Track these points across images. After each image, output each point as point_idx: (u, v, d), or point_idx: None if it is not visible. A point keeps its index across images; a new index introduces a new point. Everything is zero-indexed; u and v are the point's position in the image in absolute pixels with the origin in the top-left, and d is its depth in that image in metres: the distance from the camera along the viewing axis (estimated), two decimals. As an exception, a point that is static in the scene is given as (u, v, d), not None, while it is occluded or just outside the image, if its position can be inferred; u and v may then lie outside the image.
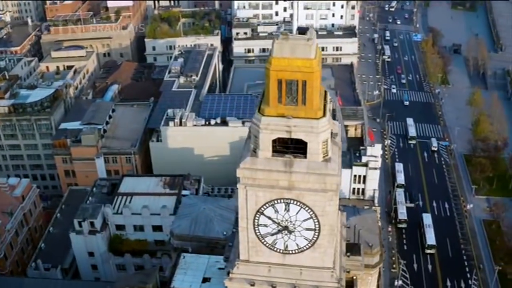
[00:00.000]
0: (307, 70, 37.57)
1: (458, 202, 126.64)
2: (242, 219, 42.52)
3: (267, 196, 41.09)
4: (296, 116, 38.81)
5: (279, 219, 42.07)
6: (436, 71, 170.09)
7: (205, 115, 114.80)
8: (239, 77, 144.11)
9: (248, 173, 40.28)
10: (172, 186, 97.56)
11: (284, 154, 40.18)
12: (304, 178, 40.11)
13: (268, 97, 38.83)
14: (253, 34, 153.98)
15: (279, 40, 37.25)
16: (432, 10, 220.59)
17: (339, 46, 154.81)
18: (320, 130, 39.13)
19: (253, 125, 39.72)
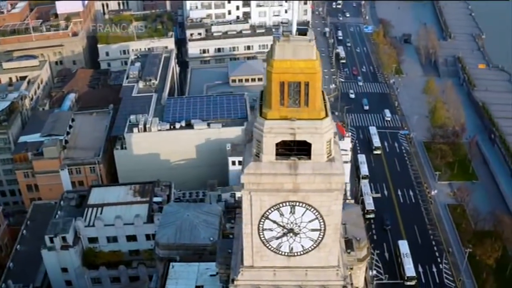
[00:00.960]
0: (310, 71, 37.27)
1: (422, 189, 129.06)
2: (246, 225, 41.85)
3: (272, 200, 40.58)
4: (300, 117, 38.41)
5: (284, 222, 41.64)
6: (389, 62, 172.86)
7: (169, 119, 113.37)
8: (196, 79, 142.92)
9: (252, 178, 39.58)
10: (143, 194, 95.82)
11: (288, 157, 39.70)
12: (310, 180, 39.79)
13: (270, 100, 38.23)
14: (207, 34, 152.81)
15: (281, 42, 36.78)
16: (380, 2, 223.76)
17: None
18: (324, 131, 38.89)
19: (255, 129, 38.99)
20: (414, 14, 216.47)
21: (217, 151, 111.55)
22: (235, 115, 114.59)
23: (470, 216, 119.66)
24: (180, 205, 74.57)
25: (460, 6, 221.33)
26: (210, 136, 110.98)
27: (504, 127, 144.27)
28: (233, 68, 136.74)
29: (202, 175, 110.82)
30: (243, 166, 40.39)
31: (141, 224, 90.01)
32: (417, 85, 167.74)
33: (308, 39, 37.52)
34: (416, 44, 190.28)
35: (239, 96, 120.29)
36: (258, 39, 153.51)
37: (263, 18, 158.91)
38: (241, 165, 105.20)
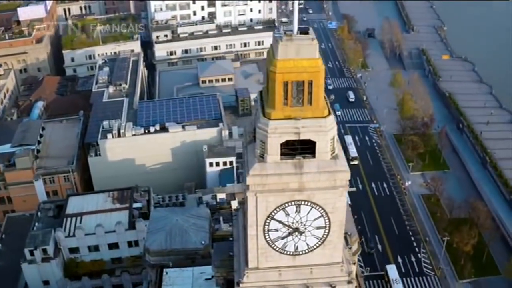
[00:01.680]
0: (313, 70, 37.27)
1: (395, 181, 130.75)
2: (251, 227, 41.53)
3: (278, 200, 40.39)
4: (304, 116, 38.30)
5: (289, 221, 41.52)
6: (355, 57, 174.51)
7: (143, 123, 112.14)
8: (165, 81, 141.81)
9: (258, 180, 39.29)
10: (122, 200, 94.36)
11: (292, 156, 39.56)
12: (315, 178, 39.76)
13: (274, 100, 38.02)
14: (174, 36, 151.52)
15: (284, 41, 36.58)
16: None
17: (261, 40, 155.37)
18: (328, 128, 38.93)
19: (259, 130, 38.70)
20: (376, 8, 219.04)
21: (193, 154, 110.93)
22: (209, 116, 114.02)
23: (445, 205, 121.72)
24: (167, 210, 73.79)
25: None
26: (185, 138, 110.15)
27: (471, 116, 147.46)
28: (203, 69, 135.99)
29: (179, 178, 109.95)
30: (247, 168, 40.02)
31: (122, 231, 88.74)
32: (384, 78, 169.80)
33: (310, 37, 37.45)
34: (380, 38, 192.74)
35: (211, 97, 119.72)
36: (225, 39, 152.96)
37: (229, 18, 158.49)
38: (218, 166, 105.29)
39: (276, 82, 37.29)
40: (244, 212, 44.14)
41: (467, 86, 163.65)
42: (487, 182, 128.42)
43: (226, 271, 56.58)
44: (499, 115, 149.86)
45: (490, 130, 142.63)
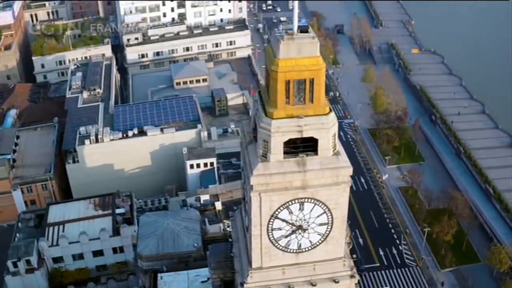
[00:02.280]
0: (315, 68, 37.43)
1: (372, 175, 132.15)
2: (255, 227, 41.43)
3: (282, 199, 40.38)
4: (306, 114, 38.41)
5: (293, 220, 41.55)
6: (325, 53, 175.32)
7: (120, 127, 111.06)
8: (139, 84, 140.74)
9: (262, 179, 39.22)
10: (104, 207, 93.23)
11: (295, 155, 39.63)
12: (318, 175, 39.91)
13: (275, 99, 38.04)
14: (145, 38, 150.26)
15: (285, 41, 36.63)
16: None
17: (233, 40, 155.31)
18: (330, 125, 39.13)
19: (262, 130, 38.65)
20: (344, 5, 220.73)
21: (172, 156, 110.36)
22: (187, 118, 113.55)
23: (422, 197, 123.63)
24: (156, 214, 73.17)
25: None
26: (164, 141, 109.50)
27: (443, 108, 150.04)
28: (177, 70, 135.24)
29: (159, 181, 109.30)
30: (249, 168, 39.90)
31: (107, 238, 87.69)
32: (355, 74, 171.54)
33: (311, 36, 37.58)
34: (349, 34, 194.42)
35: (188, 98, 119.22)
36: (196, 40, 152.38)
37: (199, 19, 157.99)
38: (199, 168, 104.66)
39: (278, 81, 37.30)
40: (246, 212, 44.02)
41: (437, 79, 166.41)
42: (462, 172, 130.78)
43: (223, 272, 56.50)
44: (471, 106, 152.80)
45: (462, 121, 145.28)
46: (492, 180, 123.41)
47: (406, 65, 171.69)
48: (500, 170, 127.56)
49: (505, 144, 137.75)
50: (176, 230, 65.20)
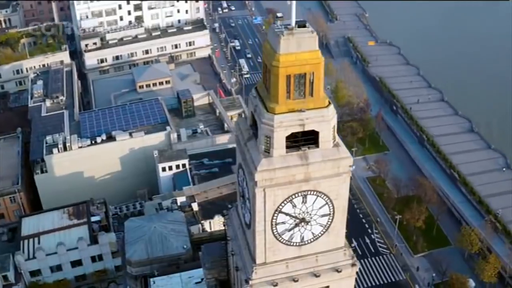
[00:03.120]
0: (314, 62, 37.98)
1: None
2: (259, 223, 41.58)
3: (285, 193, 40.67)
4: (307, 108, 38.85)
5: (296, 213, 41.90)
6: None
7: (87, 134, 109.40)
8: (100, 90, 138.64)
9: (266, 175, 39.41)
10: (79, 216, 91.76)
11: (297, 148, 40.02)
12: (320, 167, 40.39)
13: (277, 94, 38.30)
14: (103, 43, 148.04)
15: (285, 36, 36.93)
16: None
17: (192, 41, 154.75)
18: (330, 118, 39.69)
19: (264, 126, 38.84)
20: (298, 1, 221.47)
21: (142, 160, 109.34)
22: (155, 121, 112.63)
23: (391, 185, 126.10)
24: (142, 218, 72.44)
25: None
26: (133, 146, 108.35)
27: (403, 97, 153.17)
28: (139, 74, 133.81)
29: (130, 186, 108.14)
30: (252, 165, 39.99)
31: (85, 247, 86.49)
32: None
33: (310, 30, 38.01)
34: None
35: (154, 101, 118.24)
36: (155, 42, 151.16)
37: (156, 21, 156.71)
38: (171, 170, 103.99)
39: (279, 77, 37.57)
40: (247, 208, 44.09)
41: (395, 69, 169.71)
42: (427, 159, 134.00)
43: (218, 272, 56.58)
44: (430, 94, 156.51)
45: (422, 109, 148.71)
46: (456, 165, 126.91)
47: (364, 57, 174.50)
48: (463, 155, 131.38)
49: (466, 129, 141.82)
50: (164, 233, 64.69)
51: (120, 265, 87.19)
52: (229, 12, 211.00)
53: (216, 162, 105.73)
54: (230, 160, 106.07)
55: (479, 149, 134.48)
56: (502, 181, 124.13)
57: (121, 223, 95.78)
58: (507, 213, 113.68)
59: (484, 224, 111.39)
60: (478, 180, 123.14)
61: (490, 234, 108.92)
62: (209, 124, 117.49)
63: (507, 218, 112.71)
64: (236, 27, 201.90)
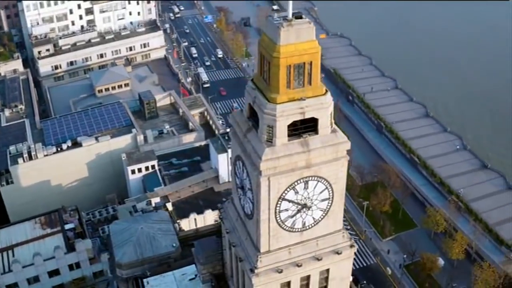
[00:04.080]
0: (313, 51, 39.23)
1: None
2: (263, 211, 42.59)
3: (288, 180, 41.83)
4: (306, 96, 40.14)
5: (298, 199, 43.12)
6: (237, 47, 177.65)
7: (52, 141, 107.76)
8: (57, 96, 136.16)
9: (270, 164, 40.47)
10: (52, 224, 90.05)
11: (298, 136, 41.23)
12: (321, 153, 41.78)
13: (277, 84, 39.41)
14: (56, 49, 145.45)
15: (285, 27, 38.00)
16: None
17: (146, 42, 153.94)
18: (328, 105, 41.20)
19: (266, 116, 39.87)
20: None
21: (109, 164, 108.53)
22: (119, 124, 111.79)
23: (354, 173, 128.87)
24: (127, 220, 71.98)
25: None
26: (99, 150, 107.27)
27: (358, 87, 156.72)
28: (97, 78, 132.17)
29: (99, 191, 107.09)
30: (256, 155, 40.86)
31: (62, 256, 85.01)
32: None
33: (307, 21, 39.24)
34: (256, 26, 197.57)
35: (117, 104, 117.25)
36: (109, 46, 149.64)
37: (108, 24, 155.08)
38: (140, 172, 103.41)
39: (280, 67, 38.69)
40: (248, 199, 44.93)
41: (348, 60, 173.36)
42: (386, 145, 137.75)
43: (213, 266, 57.23)
44: (384, 82, 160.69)
45: (378, 97, 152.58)
46: (415, 150, 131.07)
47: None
48: (421, 140, 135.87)
49: (421, 114, 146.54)
50: (151, 233, 64.67)
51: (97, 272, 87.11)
52: (179, 12, 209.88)
53: (185, 161, 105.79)
54: (199, 159, 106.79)
55: (435, 133, 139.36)
56: (461, 162, 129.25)
57: (96, 229, 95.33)
58: (468, 192, 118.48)
59: (448, 204, 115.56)
60: (437, 162, 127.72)
61: (454, 214, 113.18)
62: (173, 124, 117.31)
63: (469, 197, 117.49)
64: (187, 26, 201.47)
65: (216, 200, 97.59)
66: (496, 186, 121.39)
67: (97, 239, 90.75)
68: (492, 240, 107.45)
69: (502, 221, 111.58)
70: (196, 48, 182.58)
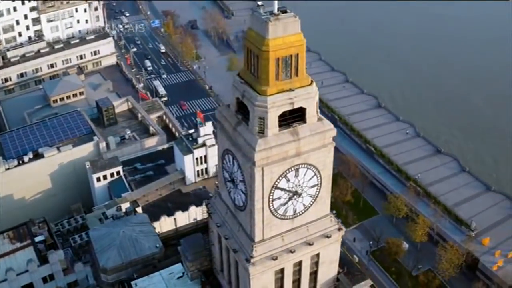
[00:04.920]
0: (299, 44, 41.10)
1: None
2: (258, 201, 44.05)
3: (280, 169, 43.48)
4: (294, 87, 41.93)
5: (289, 187, 44.84)
6: (187, 50, 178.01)
7: (12, 155, 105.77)
8: (10, 109, 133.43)
9: (264, 154, 41.99)
10: (20, 238, 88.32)
11: (287, 126, 42.93)
12: (309, 141, 43.69)
13: (267, 77, 41.00)
14: (5, 61, 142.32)
15: (273, 22, 39.63)
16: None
17: (97, 50, 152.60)
18: (314, 94, 43.10)
19: (257, 108, 41.41)
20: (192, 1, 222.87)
21: (72, 174, 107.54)
22: (80, 133, 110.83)
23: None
24: (106, 225, 71.92)
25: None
26: (62, 160, 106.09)
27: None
28: (51, 88, 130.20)
29: (64, 202, 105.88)
30: (249, 146, 42.22)
31: (36, 269, 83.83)
32: (219, 65, 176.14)
33: (293, 15, 40.99)
34: (204, 28, 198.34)
35: (75, 113, 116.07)
36: (59, 55, 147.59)
37: (56, 33, 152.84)
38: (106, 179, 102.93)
39: (269, 60, 40.33)
40: (240, 191, 46.25)
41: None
42: (342, 138, 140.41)
43: (200, 262, 58.28)
44: (334, 77, 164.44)
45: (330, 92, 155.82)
46: (371, 140, 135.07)
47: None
48: (375, 130, 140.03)
49: (373, 106, 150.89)
50: (134, 236, 64.96)
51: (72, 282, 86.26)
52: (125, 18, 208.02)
53: (149, 166, 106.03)
54: (163, 162, 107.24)
55: (388, 122, 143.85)
56: (415, 149, 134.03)
57: (66, 240, 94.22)
58: (425, 177, 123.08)
59: (407, 190, 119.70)
60: (393, 150, 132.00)
61: (414, 198, 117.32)
62: (133, 129, 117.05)
63: (426, 181, 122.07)
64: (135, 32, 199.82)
65: (184, 201, 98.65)
66: (451, 170, 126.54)
67: (69, 249, 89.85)
68: (452, 221, 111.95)
69: (460, 202, 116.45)
70: (150, 60, 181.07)
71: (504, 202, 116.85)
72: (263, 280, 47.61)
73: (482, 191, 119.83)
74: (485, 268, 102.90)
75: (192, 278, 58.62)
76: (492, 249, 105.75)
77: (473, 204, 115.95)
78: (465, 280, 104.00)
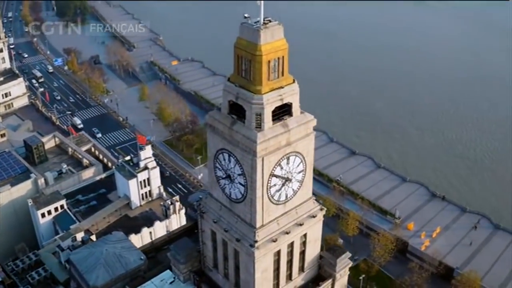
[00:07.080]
0: (284, 47, 48.07)
1: (187, 179, 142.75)
2: (258, 189, 49.97)
3: (276, 158, 49.83)
4: (282, 86, 48.91)
5: (283, 173, 51.36)
6: (96, 84, 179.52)
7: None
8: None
9: (264, 145, 48.14)
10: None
11: (278, 120, 49.66)
12: (297, 131, 50.60)
13: (260, 78, 47.50)
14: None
15: (263, 30, 46.34)
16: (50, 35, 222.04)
17: (8, 92, 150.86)
18: (297, 90, 50.24)
19: (254, 106, 47.67)
20: (90, 37, 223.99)
21: (12, 214, 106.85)
22: (15, 172, 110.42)
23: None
24: (86, 247, 73.72)
25: (127, 19, 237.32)
26: (2, 201, 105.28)
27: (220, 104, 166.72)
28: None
29: (6, 244, 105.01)
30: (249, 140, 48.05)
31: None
32: (129, 96, 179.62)
33: (277, 23, 47.86)
34: (107, 62, 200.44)
35: (5, 153, 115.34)
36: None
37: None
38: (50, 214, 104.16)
39: (262, 63, 46.94)
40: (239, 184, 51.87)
41: (205, 82, 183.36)
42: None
43: (191, 264, 62.73)
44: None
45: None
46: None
47: (173, 76, 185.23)
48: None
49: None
50: (117, 252, 67.78)
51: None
52: (25, 60, 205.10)
53: (91, 196, 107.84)
54: (104, 191, 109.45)
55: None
56: (331, 153, 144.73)
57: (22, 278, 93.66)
58: (346, 177, 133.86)
59: (332, 191, 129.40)
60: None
61: (340, 198, 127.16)
62: (65, 164, 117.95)
63: (348, 181, 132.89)
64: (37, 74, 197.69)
65: (133, 225, 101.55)
66: (368, 167, 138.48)
67: (28, 286, 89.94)
68: (378, 212, 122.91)
69: (381, 195, 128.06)
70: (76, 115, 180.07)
71: (420, 189, 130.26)
72: (265, 262, 53.49)
73: (399, 183, 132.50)
74: (414, 250, 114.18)
75: (184, 280, 62.83)
76: (417, 232, 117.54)
77: (393, 195, 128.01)
78: (398, 264, 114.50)
